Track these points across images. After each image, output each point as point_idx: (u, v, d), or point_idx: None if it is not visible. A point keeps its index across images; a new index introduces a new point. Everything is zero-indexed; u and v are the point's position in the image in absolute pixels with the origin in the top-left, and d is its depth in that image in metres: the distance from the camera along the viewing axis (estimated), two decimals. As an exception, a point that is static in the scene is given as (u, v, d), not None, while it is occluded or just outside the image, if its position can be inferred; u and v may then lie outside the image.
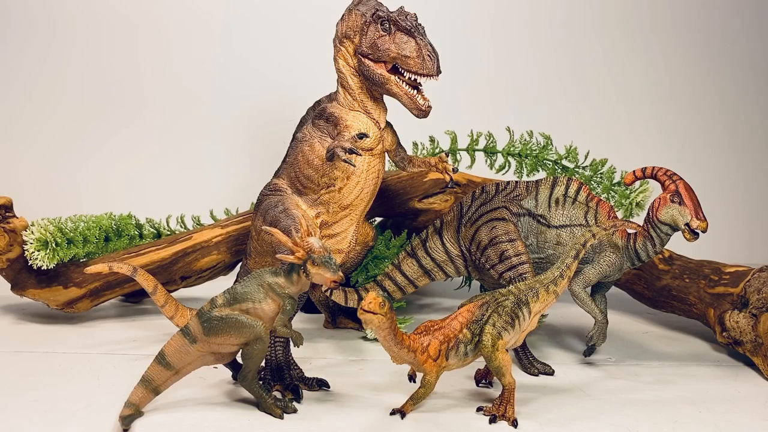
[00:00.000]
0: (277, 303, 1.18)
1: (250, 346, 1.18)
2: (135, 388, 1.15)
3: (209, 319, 1.16)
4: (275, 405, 1.20)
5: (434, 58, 1.37)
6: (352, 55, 1.44)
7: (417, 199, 1.86)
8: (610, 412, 1.25)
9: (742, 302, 1.53)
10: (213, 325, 1.16)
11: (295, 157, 1.46)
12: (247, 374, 1.20)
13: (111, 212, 1.86)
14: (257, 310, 1.17)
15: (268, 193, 1.47)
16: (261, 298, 1.17)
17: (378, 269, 1.72)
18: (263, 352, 1.19)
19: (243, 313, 1.17)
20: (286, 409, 1.21)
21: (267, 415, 1.20)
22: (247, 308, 1.17)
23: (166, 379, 1.17)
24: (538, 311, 1.26)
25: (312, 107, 1.52)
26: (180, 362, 1.17)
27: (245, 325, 1.16)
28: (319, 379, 1.33)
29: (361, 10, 1.42)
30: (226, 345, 1.18)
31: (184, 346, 1.16)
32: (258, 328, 1.17)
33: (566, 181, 1.50)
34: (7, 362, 1.46)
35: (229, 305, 1.17)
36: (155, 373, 1.16)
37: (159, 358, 1.16)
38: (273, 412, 1.20)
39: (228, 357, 1.22)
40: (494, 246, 1.48)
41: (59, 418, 1.18)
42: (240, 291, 1.18)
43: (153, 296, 1.40)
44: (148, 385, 1.15)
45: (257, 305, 1.17)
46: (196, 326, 1.16)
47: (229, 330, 1.16)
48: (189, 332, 1.16)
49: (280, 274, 1.18)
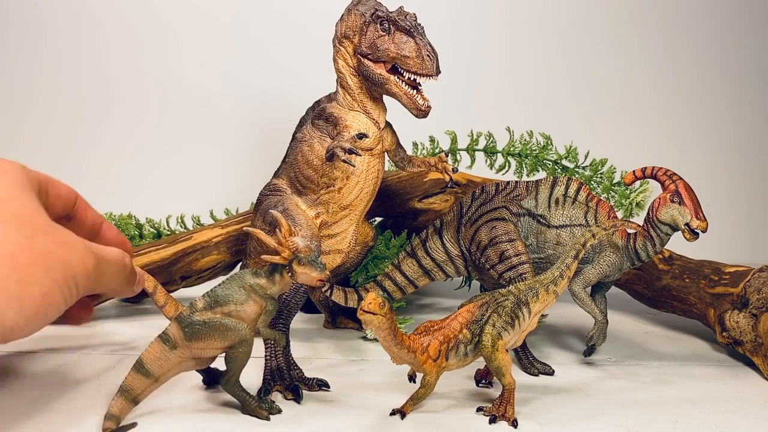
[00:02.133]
0: (259, 304, 1.15)
1: (234, 350, 1.15)
2: (114, 399, 1.12)
3: (191, 324, 1.12)
4: (260, 407, 1.18)
5: (434, 58, 1.37)
6: (351, 55, 1.44)
7: (417, 199, 1.86)
8: (610, 412, 1.25)
9: (742, 302, 1.53)
10: (195, 330, 1.12)
11: (294, 158, 1.46)
12: (230, 378, 1.17)
13: (111, 212, 1.86)
14: (239, 313, 1.14)
15: (267, 193, 1.48)
16: (243, 300, 1.15)
17: (378, 269, 1.72)
18: (247, 354, 1.16)
19: (225, 316, 1.14)
20: (271, 410, 1.19)
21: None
22: (229, 311, 1.14)
23: (146, 388, 1.14)
24: (538, 311, 1.26)
25: (311, 107, 1.52)
26: (159, 369, 1.13)
27: (230, 329, 1.13)
28: (319, 379, 1.32)
29: (360, 10, 1.43)
30: (209, 349, 1.15)
31: (163, 353, 1.13)
32: (243, 330, 1.14)
33: (566, 181, 1.50)
34: (7, 362, 1.46)
35: (210, 309, 1.14)
36: (134, 382, 1.12)
37: (137, 367, 1.12)
38: (259, 414, 1.18)
39: (208, 362, 1.19)
40: (494, 246, 1.48)
41: (59, 418, 1.18)
42: (221, 294, 1.14)
43: (153, 296, 1.38)
44: (127, 395, 1.12)
45: (239, 307, 1.14)
46: (176, 332, 1.13)
47: (213, 334, 1.13)
48: (169, 338, 1.13)
49: (261, 275, 1.16)
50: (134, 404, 1.14)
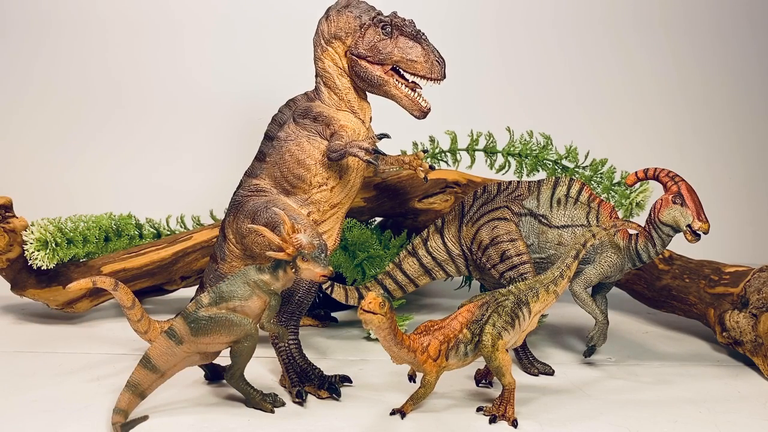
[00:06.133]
0: (263, 300, 1.19)
1: (239, 344, 1.19)
2: (121, 394, 1.14)
3: (196, 319, 1.16)
4: (264, 401, 1.22)
5: (443, 63, 1.41)
6: (341, 55, 1.45)
7: (417, 199, 1.86)
8: (610, 412, 1.25)
9: (742, 302, 1.53)
10: (201, 325, 1.16)
11: (281, 157, 1.44)
12: (235, 372, 1.21)
13: (111, 212, 1.86)
14: (244, 308, 1.18)
15: (248, 194, 1.46)
16: (247, 296, 1.18)
17: (374, 269, 1.71)
18: (252, 349, 1.20)
19: (230, 312, 1.17)
20: (275, 404, 1.22)
21: (267, 415, 1.20)
22: (234, 306, 1.17)
23: (152, 383, 1.17)
24: (538, 311, 1.26)
25: (286, 105, 1.50)
26: (166, 364, 1.16)
27: (235, 324, 1.17)
28: (341, 375, 1.34)
29: (354, 12, 1.44)
30: (215, 344, 1.18)
31: (169, 348, 1.16)
32: (248, 325, 1.18)
33: (568, 182, 1.50)
34: (7, 362, 1.46)
35: (216, 304, 1.17)
36: (141, 377, 1.15)
37: (144, 362, 1.15)
38: (263, 407, 1.21)
39: (213, 357, 1.22)
40: (495, 245, 1.48)
41: (59, 418, 1.18)
42: (225, 289, 1.18)
43: (129, 311, 1.28)
44: (134, 389, 1.14)
45: (244, 303, 1.18)
46: (182, 327, 1.16)
47: (219, 329, 1.16)
48: (175, 334, 1.16)
49: (265, 271, 1.19)
50: (141, 399, 1.16)
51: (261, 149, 1.49)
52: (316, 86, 1.48)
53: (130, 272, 1.74)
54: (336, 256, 1.70)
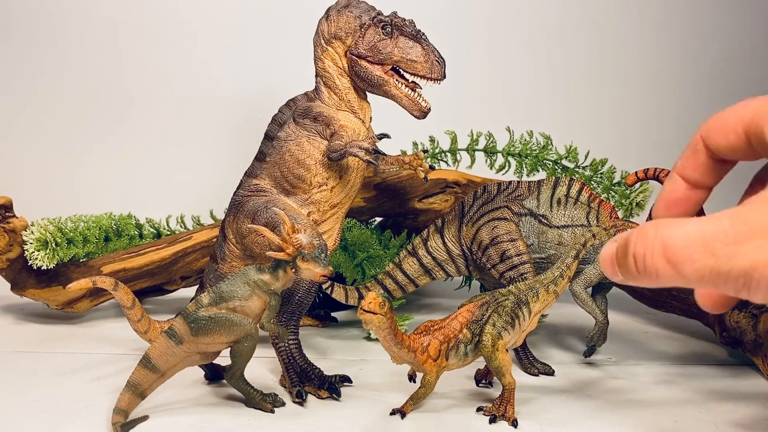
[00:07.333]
0: (263, 300, 1.19)
1: (239, 344, 1.19)
2: (122, 394, 1.14)
3: (197, 319, 1.16)
4: (264, 401, 1.22)
5: (443, 63, 1.41)
6: (341, 55, 1.45)
7: (417, 199, 1.86)
8: (610, 412, 1.25)
9: (742, 302, 1.53)
10: (201, 325, 1.16)
11: (281, 157, 1.44)
12: (235, 372, 1.21)
13: (111, 212, 1.86)
14: (244, 308, 1.18)
15: (248, 194, 1.46)
16: (247, 296, 1.18)
17: (374, 269, 1.71)
18: (252, 349, 1.20)
19: (230, 312, 1.17)
20: (275, 404, 1.23)
21: (267, 415, 1.21)
22: (234, 306, 1.18)
23: (152, 383, 1.17)
24: (538, 311, 1.26)
25: (286, 105, 1.50)
26: (166, 364, 1.17)
27: (236, 324, 1.17)
28: (341, 375, 1.34)
29: (354, 12, 1.44)
30: (215, 344, 1.19)
31: (169, 348, 1.16)
32: (248, 325, 1.18)
33: (568, 182, 1.50)
34: (7, 362, 1.46)
35: (216, 304, 1.17)
36: (141, 377, 1.15)
37: (144, 362, 1.16)
38: (263, 407, 1.22)
39: (213, 356, 1.23)
40: (495, 245, 1.48)
41: (59, 418, 1.18)
42: (226, 290, 1.18)
43: (129, 311, 1.28)
44: (134, 389, 1.15)
45: (244, 303, 1.18)
46: (182, 327, 1.16)
47: (219, 329, 1.17)
48: (175, 334, 1.16)
49: (265, 271, 1.19)
50: (141, 398, 1.17)
51: (261, 149, 1.49)
52: (316, 86, 1.48)
53: (130, 272, 1.74)
54: (336, 256, 1.70)
